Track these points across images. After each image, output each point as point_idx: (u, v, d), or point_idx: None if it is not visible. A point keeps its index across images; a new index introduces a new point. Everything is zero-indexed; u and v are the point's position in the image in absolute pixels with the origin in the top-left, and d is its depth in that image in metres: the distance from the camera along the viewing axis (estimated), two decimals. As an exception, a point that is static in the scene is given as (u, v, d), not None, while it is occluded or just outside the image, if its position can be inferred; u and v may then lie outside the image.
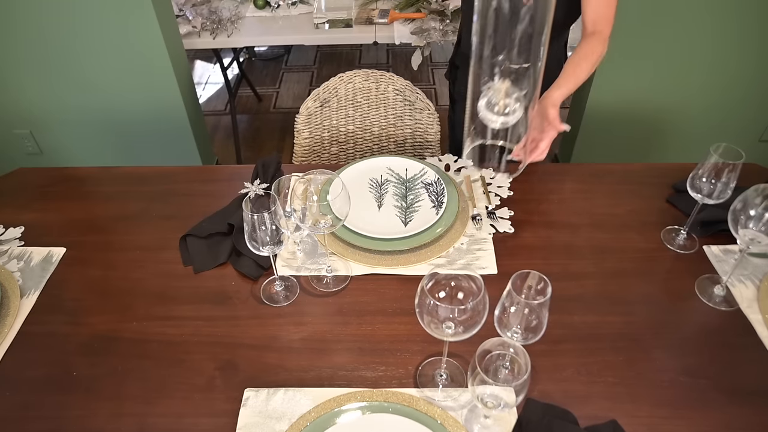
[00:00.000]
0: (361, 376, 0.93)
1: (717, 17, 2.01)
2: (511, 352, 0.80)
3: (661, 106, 2.29)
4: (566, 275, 1.07)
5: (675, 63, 2.15)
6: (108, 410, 0.89)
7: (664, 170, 1.32)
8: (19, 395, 0.92)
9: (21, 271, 1.13)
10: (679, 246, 1.14)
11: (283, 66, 3.66)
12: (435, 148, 1.63)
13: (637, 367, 0.93)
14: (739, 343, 0.96)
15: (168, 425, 0.87)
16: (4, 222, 1.24)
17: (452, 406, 0.88)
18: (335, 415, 0.87)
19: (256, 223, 0.94)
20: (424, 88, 3.37)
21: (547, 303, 0.81)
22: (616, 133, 2.38)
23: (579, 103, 2.38)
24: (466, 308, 0.76)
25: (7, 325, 1.02)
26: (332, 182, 0.97)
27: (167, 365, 0.96)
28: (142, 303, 1.06)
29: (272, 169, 1.31)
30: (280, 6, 2.44)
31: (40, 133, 2.41)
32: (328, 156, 1.69)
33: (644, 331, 0.98)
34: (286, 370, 0.94)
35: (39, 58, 2.13)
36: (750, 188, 0.93)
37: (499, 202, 1.25)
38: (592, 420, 0.85)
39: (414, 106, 1.60)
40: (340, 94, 1.60)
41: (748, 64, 2.14)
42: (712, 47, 2.10)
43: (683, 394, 0.89)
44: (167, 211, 1.27)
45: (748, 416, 0.86)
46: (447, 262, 1.12)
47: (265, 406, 0.89)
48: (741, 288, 1.05)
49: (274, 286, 1.08)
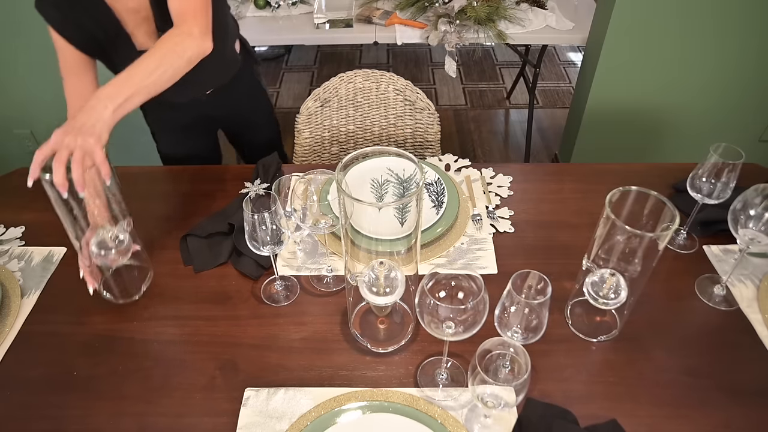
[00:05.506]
0: (361, 375, 0.93)
1: (717, 17, 2.01)
2: (511, 352, 0.80)
3: (661, 106, 2.29)
4: (566, 275, 1.07)
5: (675, 63, 2.15)
6: (108, 410, 0.90)
7: (664, 170, 1.32)
8: (19, 395, 0.92)
9: (22, 271, 1.13)
10: (679, 246, 1.14)
11: (283, 66, 3.66)
12: (435, 148, 1.63)
13: (637, 367, 0.93)
14: (739, 343, 0.96)
15: (168, 425, 0.87)
16: (5, 222, 1.24)
17: (452, 405, 0.88)
18: (336, 414, 0.87)
19: (256, 222, 0.94)
20: (425, 88, 3.37)
21: (547, 303, 0.81)
22: (616, 133, 2.38)
23: (579, 103, 2.38)
24: (467, 308, 0.76)
25: (8, 325, 1.02)
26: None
27: (167, 365, 0.96)
28: (142, 303, 1.06)
29: (273, 169, 1.31)
30: (280, 6, 2.44)
31: (40, 133, 2.41)
32: (329, 156, 1.69)
33: (644, 331, 0.98)
34: (287, 370, 0.94)
35: (39, 58, 2.13)
36: (750, 188, 0.93)
37: (499, 202, 1.25)
38: (592, 420, 0.85)
39: (414, 106, 1.60)
40: (340, 94, 1.60)
41: (748, 64, 2.14)
42: (712, 47, 2.10)
43: (683, 393, 0.89)
44: (167, 211, 1.27)
45: (748, 415, 0.86)
46: (447, 261, 1.12)
47: (265, 405, 0.89)
48: (741, 288, 1.05)
49: (275, 285, 1.09)
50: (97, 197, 0.93)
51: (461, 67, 3.59)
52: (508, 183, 1.31)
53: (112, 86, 0.91)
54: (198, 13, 1.05)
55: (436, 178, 1.25)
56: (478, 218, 1.21)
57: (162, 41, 1.00)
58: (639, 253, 0.85)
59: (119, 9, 1.15)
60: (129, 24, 1.17)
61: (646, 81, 2.21)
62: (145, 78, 0.94)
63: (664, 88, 2.23)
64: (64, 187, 0.83)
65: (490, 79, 3.49)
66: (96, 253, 0.92)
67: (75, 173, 0.83)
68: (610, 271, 0.90)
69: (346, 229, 0.85)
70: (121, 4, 1.14)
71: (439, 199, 1.21)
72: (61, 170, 0.83)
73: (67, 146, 0.84)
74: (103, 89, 0.91)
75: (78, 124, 0.86)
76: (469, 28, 2.21)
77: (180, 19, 1.05)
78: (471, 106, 3.28)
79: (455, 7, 2.22)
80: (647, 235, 0.81)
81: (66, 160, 0.84)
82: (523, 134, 2.95)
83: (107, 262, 0.93)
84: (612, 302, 0.90)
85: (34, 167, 0.84)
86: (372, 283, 0.86)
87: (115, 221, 0.95)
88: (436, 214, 1.17)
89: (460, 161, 1.37)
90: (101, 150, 0.86)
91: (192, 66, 1.03)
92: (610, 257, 0.89)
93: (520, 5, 2.34)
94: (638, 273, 0.88)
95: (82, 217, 0.92)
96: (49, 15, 1.11)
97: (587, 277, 0.92)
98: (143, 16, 1.17)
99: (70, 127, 0.86)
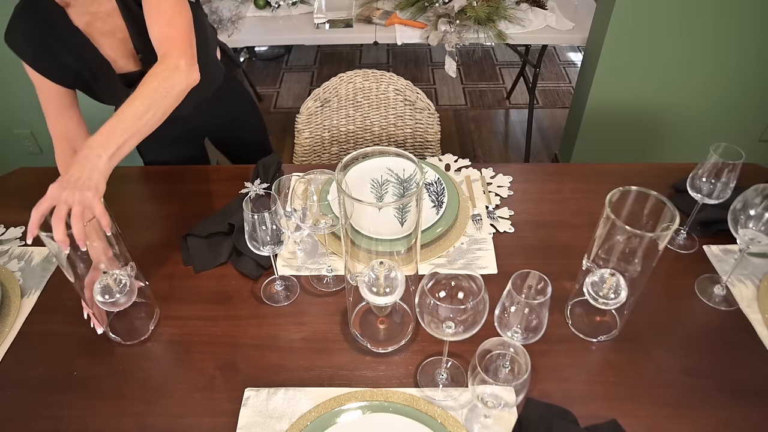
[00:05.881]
0: (361, 375, 0.93)
1: (717, 17, 2.01)
2: (511, 352, 0.80)
3: (661, 106, 2.29)
4: (566, 275, 1.07)
5: (675, 63, 2.15)
6: (108, 410, 0.90)
7: (664, 170, 1.32)
8: (19, 395, 0.92)
9: (22, 271, 1.13)
10: (679, 246, 1.14)
11: (283, 66, 3.66)
12: (435, 147, 1.63)
13: (637, 367, 0.93)
14: (739, 343, 0.96)
15: (168, 425, 0.87)
16: (5, 222, 1.24)
17: (452, 405, 0.88)
18: (336, 414, 0.87)
19: (256, 222, 0.94)
20: (425, 88, 3.37)
21: (547, 303, 0.81)
22: (616, 133, 2.38)
23: (579, 103, 2.38)
24: (467, 308, 0.76)
25: (8, 325, 1.02)
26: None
27: (167, 365, 0.96)
28: (142, 302, 1.05)
29: (273, 169, 1.31)
30: (280, 6, 2.44)
31: (40, 133, 2.41)
32: (329, 156, 1.69)
33: (644, 331, 0.98)
34: (287, 370, 0.94)
35: (39, 58, 2.13)
36: (750, 188, 0.93)
37: (499, 202, 1.25)
38: (592, 420, 0.85)
39: (414, 106, 1.60)
40: (340, 94, 1.60)
41: (748, 64, 2.14)
42: (712, 47, 2.10)
43: (683, 393, 0.89)
44: (167, 211, 1.27)
45: (748, 415, 0.86)
46: (447, 261, 1.12)
47: (265, 405, 0.89)
48: (741, 288, 1.05)
49: (275, 285, 1.09)
50: (97, 240, 0.91)
51: (461, 67, 3.59)
52: (508, 183, 1.31)
53: (103, 135, 0.89)
54: (182, 41, 1.02)
55: (436, 178, 1.25)
56: (478, 218, 1.21)
57: (148, 79, 0.96)
58: (639, 253, 0.85)
59: (92, 33, 1.11)
60: (105, 47, 1.13)
61: (646, 81, 2.21)
62: (135, 122, 0.91)
63: (664, 88, 2.23)
64: (65, 244, 0.81)
65: (490, 79, 3.49)
66: (102, 301, 0.91)
67: (75, 228, 0.81)
68: (610, 271, 0.90)
69: (346, 229, 0.85)
70: (94, 28, 1.11)
71: (439, 199, 1.21)
72: (61, 227, 0.81)
73: (66, 201, 0.82)
74: (94, 138, 0.88)
75: (73, 177, 0.84)
76: (469, 28, 2.21)
77: (163, 49, 1.01)
78: (471, 106, 3.28)
79: (455, 7, 2.22)
80: (647, 235, 0.81)
81: (65, 216, 0.82)
82: (523, 134, 2.95)
83: (114, 308, 0.92)
84: (612, 302, 0.90)
85: (32, 224, 0.82)
86: (372, 283, 0.86)
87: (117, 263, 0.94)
88: (436, 214, 1.17)
89: (460, 161, 1.37)
90: (100, 202, 0.85)
91: (181, 99, 1.00)
92: (610, 257, 0.89)
93: (520, 5, 2.34)
94: (638, 273, 0.88)
95: (84, 267, 0.91)
96: (21, 49, 1.08)
97: (587, 277, 0.92)
98: (119, 38, 1.13)
99: (65, 181, 0.84)
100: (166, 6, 1.03)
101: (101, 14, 1.10)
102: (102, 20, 1.10)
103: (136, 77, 1.17)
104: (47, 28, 1.08)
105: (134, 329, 1.00)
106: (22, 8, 1.07)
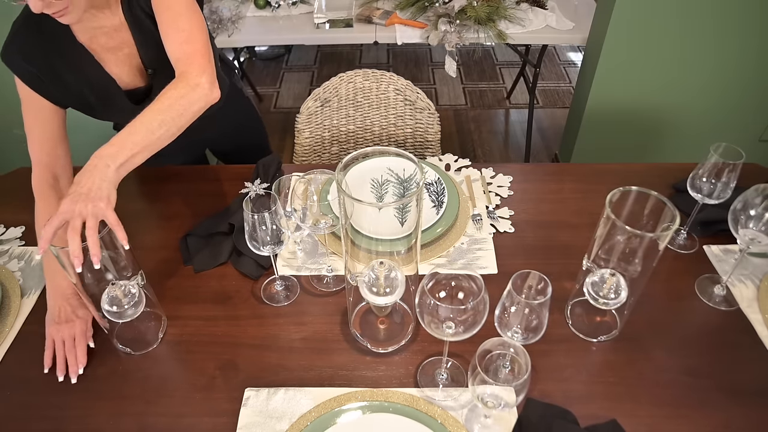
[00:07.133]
0: (361, 375, 0.93)
1: (717, 17, 2.01)
2: (511, 352, 0.80)
3: (661, 106, 2.29)
4: (566, 275, 1.07)
5: (675, 63, 2.15)
6: (108, 410, 0.90)
7: (665, 170, 1.32)
8: (19, 395, 0.92)
9: (22, 271, 1.13)
10: (680, 246, 1.14)
11: (283, 66, 3.66)
12: (435, 147, 1.63)
13: (637, 367, 0.93)
14: (739, 343, 0.96)
15: (168, 425, 0.87)
16: (5, 222, 1.24)
17: (453, 405, 0.88)
18: (336, 414, 0.87)
19: (256, 222, 0.94)
20: (425, 88, 3.37)
21: (547, 303, 0.81)
22: (616, 133, 2.38)
23: (579, 102, 2.38)
24: (467, 308, 0.76)
25: (8, 325, 1.02)
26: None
27: (167, 365, 0.96)
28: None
29: (273, 168, 1.31)
30: (280, 6, 2.44)
31: (40, 132, 2.40)
32: (329, 156, 1.69)
33: (644, 331, 0.98)
34: (287, 370, 0.94)
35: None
36: (750, 188, 0.93)
37: (499, 202, 1.25)
38: (592, 420, 0.85)
39: (414, 106, 1.60)
40: (340, 94, 1.60)
41: (748, 64, 2.14)
42: (712, 47, 2.10)
43: (683, 393, 0.89)
44: (167, 211, 1.27)
45: (748, 415, 0.86)
46: (447, 261, 1.12)
47: (265, 405, 0.89)
48: (741, 288, 1.05)
49: (275, 285, 1.09)
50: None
51: (461, 67, 3.59)
52: (508, 183, 1.30)
53: (114, 145, 0.86)
54: (202, 58, 0.97)
55: (436, 178, 1.25)
56: (478, 218, 1.21)
57: (166, 94, 0.93)
58: (639, 253, 0.85)
59: (96, 49, 1.08)
60: (110, 64, 1.10)
61: (646, 81, 2.21)
62: (147, 136, 0.88)
63: (664, 88, 2.23)
64: (79, 260, 0.80)
65: (490, 79, 3.49)
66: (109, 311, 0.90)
67: (91, 241, 0.80)
68: (610, 271, 0.90)
69: (346, 229, 0.85)
70: (98, 44, 1.07)
71: (439, 199, 1.21)
72: (76, 240, 0.80)
73: (80, 214, 0.81)
74: (104, 148, 0.86)
75: (84, 189, 0.82)
76: (469, 28, 2.21)
77: (182, 67, 0.97)
78: (471, 106, 3.28)
79: (455, 6, 2.22)
80: (647, 235, 0.81)
81: (80, 228, 0.81)
82: (523, 134, 2.95)
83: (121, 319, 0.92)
84: (612, 302, 0.90)
85: (44, 240, 0.80)
86: (372, 283, 0.86)
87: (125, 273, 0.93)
88: (436, 214, 1.17)
89: (460, 161, 1.37)
90: (113, 212, 0.83)
91: (197, 117, 0.96)
92: (610, 257, 0.89)
93: (520, 5, 2.34)
94: (638, 273, 0.88)
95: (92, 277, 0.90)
96: (20, 68, 1.04)
97: (587, 277, 0.92)
98: (126, 54, 1.10)
99: (77, 194, 0.82)
100: (184, 23, 0.99)
101: (107, 29, 1.06)
102: (107, 35, 1.07)
103: (143, 93, 1.16)
104: (50, 44, 1.04)
105: (143, 339, 0.99)
106: (23, 23, 1.04)
